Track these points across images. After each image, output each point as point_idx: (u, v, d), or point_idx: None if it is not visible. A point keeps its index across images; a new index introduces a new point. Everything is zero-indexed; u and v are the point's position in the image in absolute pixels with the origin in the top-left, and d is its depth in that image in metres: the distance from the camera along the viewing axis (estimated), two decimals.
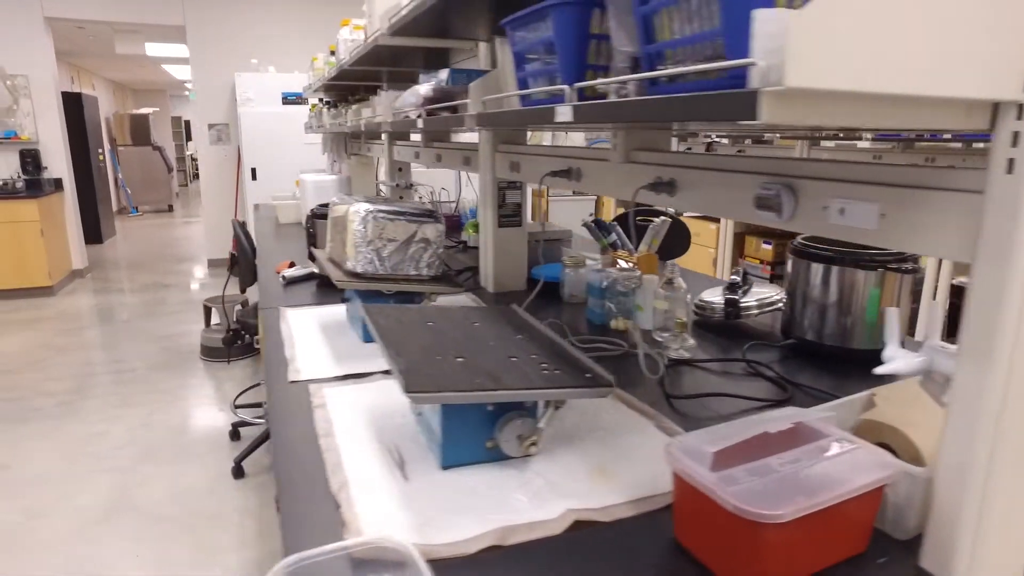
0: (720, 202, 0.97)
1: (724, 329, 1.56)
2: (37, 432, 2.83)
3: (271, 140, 5.24)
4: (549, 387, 0.82)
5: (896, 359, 0.70)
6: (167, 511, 2.25)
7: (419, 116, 1.37)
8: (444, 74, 1.44)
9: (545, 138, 2.98)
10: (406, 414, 1.04)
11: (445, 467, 0.87)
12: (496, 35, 1.71)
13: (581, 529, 0.75)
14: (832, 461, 0.70)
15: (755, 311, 1.57)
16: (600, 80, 0.70)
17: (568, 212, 4.94)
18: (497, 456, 0.89)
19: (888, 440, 0.80)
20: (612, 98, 0.73)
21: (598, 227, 1.90)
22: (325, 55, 3.73)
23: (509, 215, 1.82)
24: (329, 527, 0.76)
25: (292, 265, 2.10)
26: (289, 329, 1.47)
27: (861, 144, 4.32)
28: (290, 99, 5.25)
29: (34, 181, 5.23)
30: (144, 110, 10.21)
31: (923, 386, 0.74)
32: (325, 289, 1.88)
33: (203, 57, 5.65)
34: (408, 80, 2.99)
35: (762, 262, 4.23)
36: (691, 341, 1.38)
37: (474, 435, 0.87)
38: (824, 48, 0.43)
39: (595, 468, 0.88)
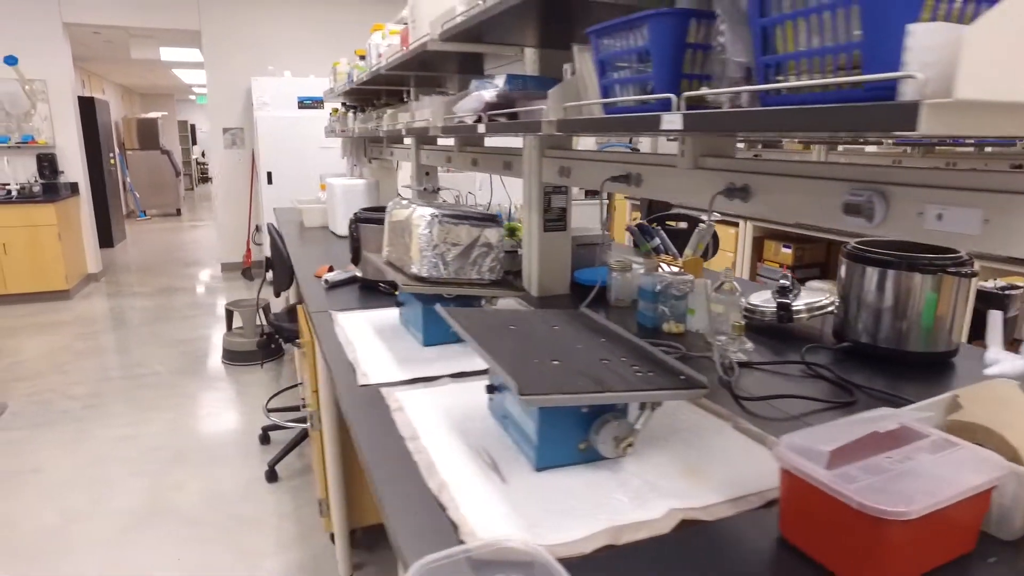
0: (798, 207, 0.99)
1: (775, 332, 1.58)
2: (65, 435, 2.85)
3: (287, 144, 5.26)
4: (649, 389, 0.84)
5: (1001, 362, 0.72)
6: (203, 515, 2.26)
7: (479, 121, 1.39)
8: (501, 80, 1.46)
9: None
10: (485, 417, 1.06)
11: (539, 469, 0.89)
12: (546, 45, 1.74)
13: (686, 528, 0.77)
14: (940, 461, 0.72)
15: (805, 315, 1.59)
16: (715, 90, 0.72)
17: (577, 216, 4.95)
18: (588, 458, 0.91)
19: (982, 441, 0.81)
20: (724, 107, 0.75)
21: (641, 232, 1.92)
22: (348, 59, 3.76)
23: (554, 219, 1.84)
24: (437, 528, 0.77)
25: (331, 269, 2.12)
26: (344, 333, 1.49)
27: (869, 148, 4.33)
28: (306, 103, 5.28)
29: (51, 185, 5.26)
30: (153, 114, 10.25)
31: None
32: (368, 292, 1.90)
33: (218, 62, 5.68)
34: (433, 85, 3.01)
35: (781, 266, 4.25)
36: (749, 344, 1.40)
37: (568, 437, 0.89)
38: (996, 61, 0.45)
39: (686, 468, 0.90)
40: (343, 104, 3.85)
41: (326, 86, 5.31)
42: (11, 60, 4.90)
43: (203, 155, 16.08)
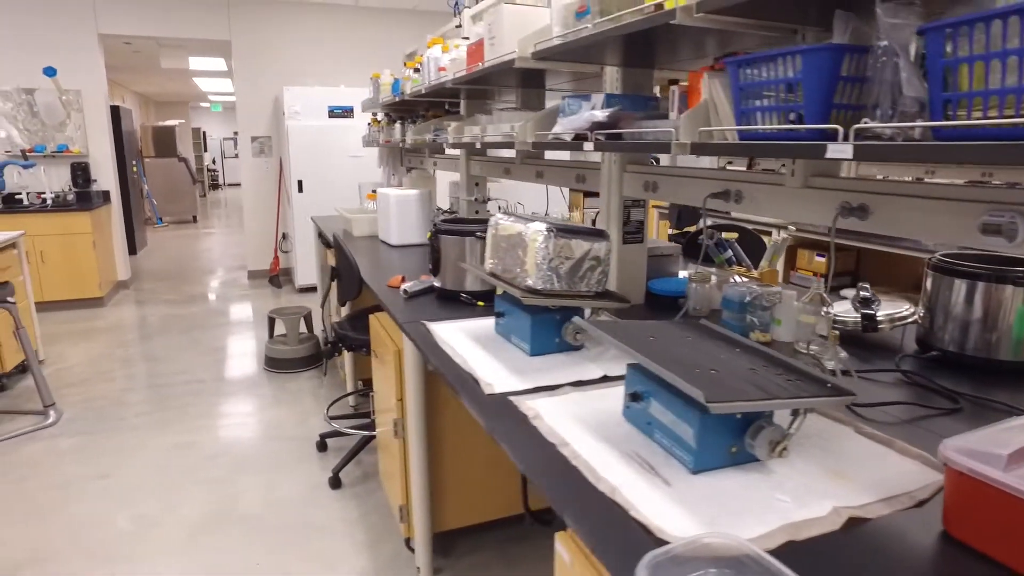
0: (925, 226, 1.06)
1: (855, 341, 1.65)
2: (124, 442, 2.91)
3: (317, 153, 5.35)
4: (808, 396, 0.91)
5: None
6: (272, 521, 2.32)
7: (583, 139, 1.46)
8: (599, 99, 1.54)
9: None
10: (621, 423, 1.13)
11: (696, 472, 0.96)
12: (629, 65, 1.81)
13: (853, 526, 0.84)
14: None
15: (887, 325, 1.66)
16: (891, 124, 0.79)
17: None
18: (737, 460, 0.97)
19: None
20: (883, 138, 0.82)
21: (715, 245, 1.99)
22: (392, 71, 3.85)
23: (633, 232, 1.91)
24: (622, 528, 0.84)
25: (404, 279, 2.19)
26: (444, 343, 1.56)
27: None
28: (336, 112, 5.37)
29: (84, 194, 5.35)
30: (170, 122, 10.37)
31: None
32: (446, 302, 1.97)
33: (247, 71, 5.78)
34: (482, 98, 3.09)
35: (815, 274, 4.32)
36: (843, 353, 1.46)
37: (722, 442, 0.96)
38: None
39: (829, 471, 0.97)
40: (386, 115, 3.94)
41: (355, 96, 5.42)
42: (50, 71, 5.00)
43: (213, 162, 16.22)
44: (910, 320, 1.67)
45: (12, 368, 3.54)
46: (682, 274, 2.24)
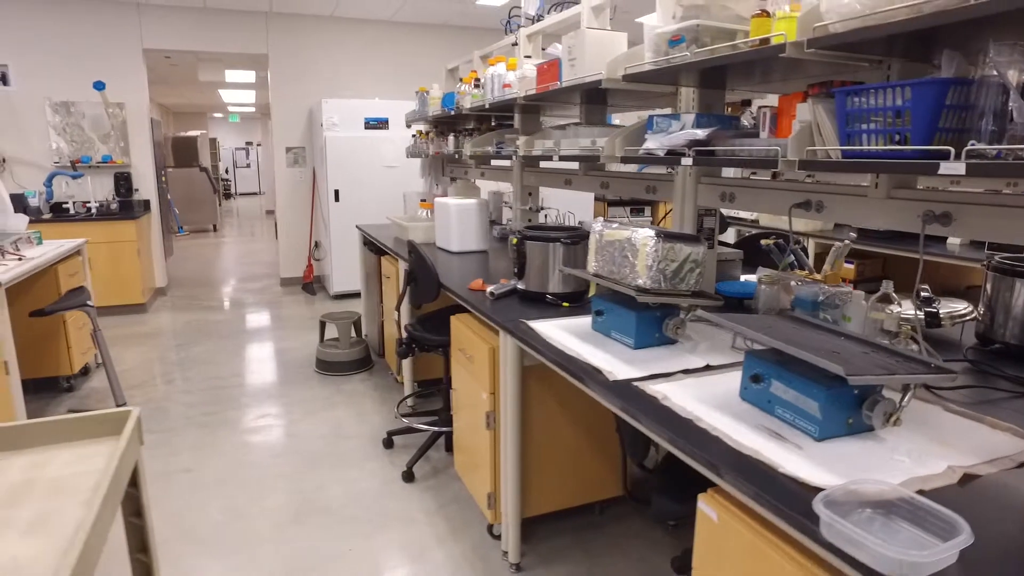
0: (1002, 230, 1.24)
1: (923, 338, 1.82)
2: (198, 440, 3.08)
3: (354, 163, 5.55)
4: (922, 373, 1.08)
5: None
6: (355, 512, 2.49)
7: (680, 155, 1.65)
8: (690, 119, 1.73)
9: None
10: (740, 402, 1.30)
11: (820, 439, 1.13)
12: (705, 87, 2.00)
13: (968, 481, 1.01)
14: None
15: (947, 322, 1.84)
16: (1006, 146, 0.98)
17: None
18: (852, 431, 1.15)
19: None
20: (988, 157, 1.00)
21: (778, 250, 2.18)
22: (442, 85, 4.06)
23: (705, 239, 2.09)
24: (776, 482, 1.01)
25: (484, 283, 2.37)
26: (551, 339, 1.74)
27: None
28: (371, 124, 5.58)
29: (126, 203, 5.55)
30: (192, 132, 10.61)
31: None
32: (529, 303, 2.15)
33: (283, 83, 6.00)
34: (534, 113, 3.29)
35: (844, 280, 4.49)
36: (914, 346, 1.64)
37: (842, 414, 1.13)
38: None
39: (932, 439, 1.14)
40: (433, 127, 4.13)
41: (390, 108, 5.63)
42: (100, 85, 5.22)
43: (226, 171, 16.47)
44: (969, 317, 1.85)
45: (79, 370, 3.71)
46: (743, 277, 2.42)
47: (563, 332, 1.80)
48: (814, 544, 0.89)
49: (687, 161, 1.63)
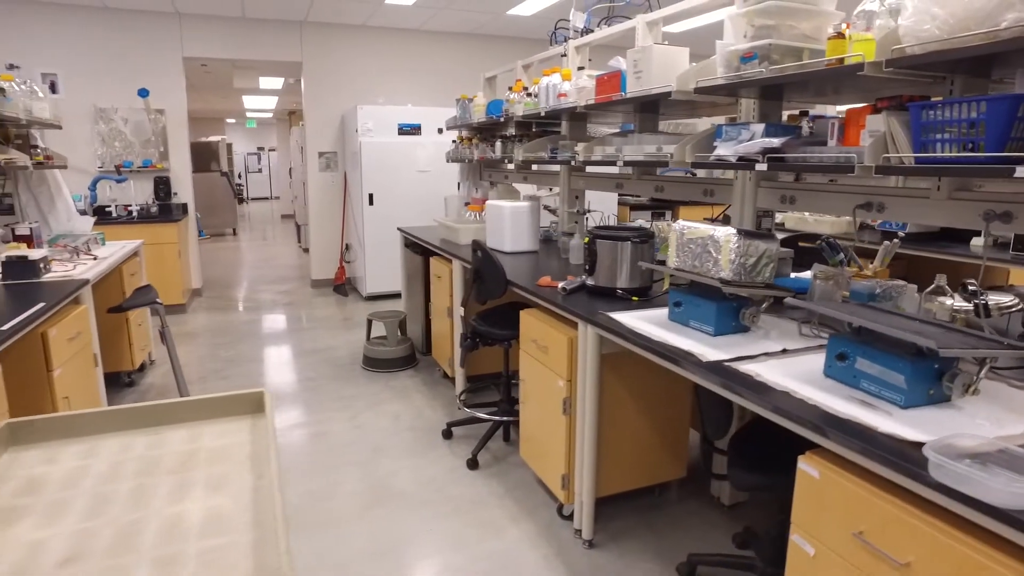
0: None
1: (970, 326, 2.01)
2: None
3: (387, 168, 5.75)
4: (999, 348, 1.27)
5: None
6: (428, 497, 2.67)
7: (750, 161, 1.84)
8: (759, 128, 1.92)
9: None
10: (824, 379, 1.49)
11: (905, 407, 1.31)
12: (766, 98, 2.19)
13: None
14: None
15: (996, 312, 2.02)
16: None
17: None
18: (932, 400, 1.33)
19: None
20: None
21: (829, 248, 2.36)
22: (486, 94, 4.26)
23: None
24: (876, 441, 1.19)
25: (551, 280, 2.56)
26: (635, 328, 1.93)
27: None
28: (405, 130, 5.78)
29: (165, 206, 5.75)
30: (213, 138, 10.83)
31: None
32: (598, 298, 2.34)
33: (316, 90, 6.21)
34: (581, 121, 3.48)
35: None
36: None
37: (924, 385, 1.32)
38: None
39: (1005, 408, 1.33)
40: (475, 133, 4.33)
41: (422, 114, 5.83)
42: (144, 92, 5.43)
43: (239, 176, 16.70)
44: (1016, 309, 2.03)
45: (138, 366, 3.90)
46: (793, 275, 2.61)
47: (643, 322, 1.99)
48: (922, 488, 1.07)
49: (761, 166, 1.82)
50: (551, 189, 4.65)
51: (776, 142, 1.77)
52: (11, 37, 5.23)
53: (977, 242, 4.29)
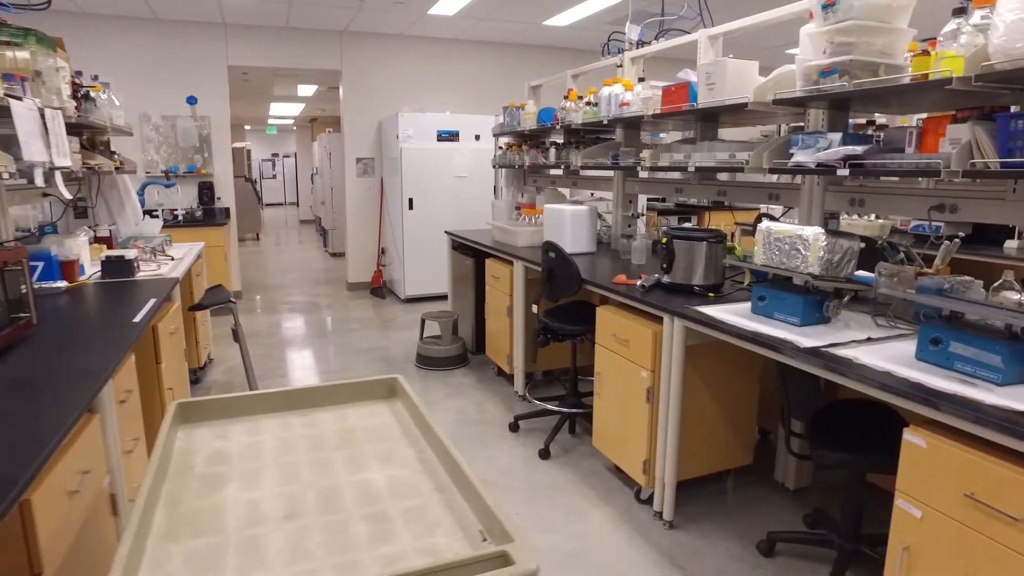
0: None
1: None
2: None
3: (427, 173, 5.95)
4: None
5: None
6: (508, 484, 2.83)
7: (831, 168, 2.02)
8: (836, 137, 2.10)
9: None
10: (917, 362, 1.66)
11: (1002, 385, 1.49)
12: (834, 108, 2.38)
13: None
14: None
15: None
16: None
17: None
18: (1021, 379, 1.51)
19: None
20: None
21: (890, 247, 2.54)
22: (536, 102, 4.45)
23: None
24: (983, 410, 1.36)
25: (626, 278, 2.74)
26: (725, 320, 2.10)
27: None
28: (443, 136, 5.98)
29: (209, 210, 5.95)
30: (237, 144, 11.04)
31: None
32: (675, 294, 2.51)
33: (354, 98, 6.41)
34: (635, 128, 3.67)
35: None
36: None
37: (1019, 365, 1.49)
38: None
39: None
40: (524, 139, 4.52)
41: (460, 121, 6.03)
42: (192, 100, 5.64)
43: (256, 182, 16.92)
44: None
45: (203, 363, 4.07)
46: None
47: (729, 315, 2.17)
48: None
49: (843, 172, 2.00)
50: (591, 194, 4.85)
51: (859, 150, 1.96)
52: (68, 48, 5.43)
53: (1011, 244, 4.48)
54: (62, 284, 2.71)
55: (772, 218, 3.68)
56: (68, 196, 2.72)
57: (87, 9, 5.34)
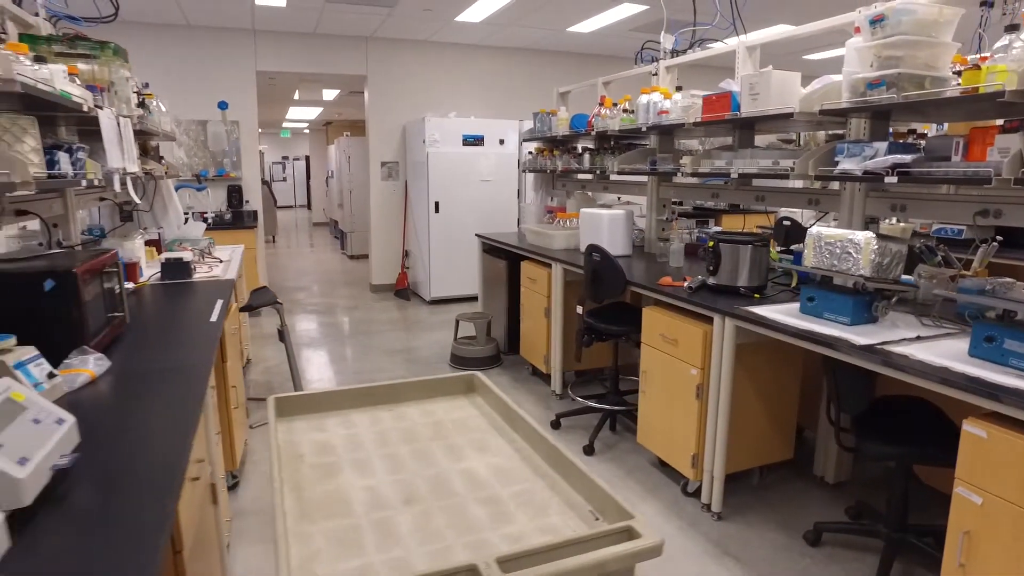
0: None
1: None
2: None
3: (453, 177, 6.07)
4: None
5: None
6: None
7: (873, 174, 2.14)
8: (882, 147, 2.21)
9: None
10: (970, 358, 1.77)
11: None
12: (875, 118, 2.49)
13: None
14: None
15: None
16: None
17: None
18: None
19: None
20: None
21: (928, 251, 2.66)
22: (568, 109, 4.57)
23: None
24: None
25: (671, 280, 2.86)
26: (777, 320, 2.22)
27: None
28: (468, 141, 6.10)
29: (238, 213, 6.07)
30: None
31: None
32: (720, 295, 2.62)
33: (379, 102, 6.54)
34: (669, 135, 3.79)
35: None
36: None
37: None
38: None
39: None
40: (552, 144, 4.64)
41: (484, 126, 6.16)
42: (223, 105, 5.77)
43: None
44: None
45: (244, 364, 4.19)
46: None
47: (779, 315, 2.28)
48: None
49: (891, 179, 2.12)
50: (619, 198, 4.96)
51: (908, 158, 2.07)
52: None
53: None
54: (129, 285, 2.83)
55: (793, 221, 3.81)
56: (138, 200, 2.84)
57: (123, 16, 5.46)
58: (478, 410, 1.84)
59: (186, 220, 4.90)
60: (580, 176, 4.79)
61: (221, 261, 3.69)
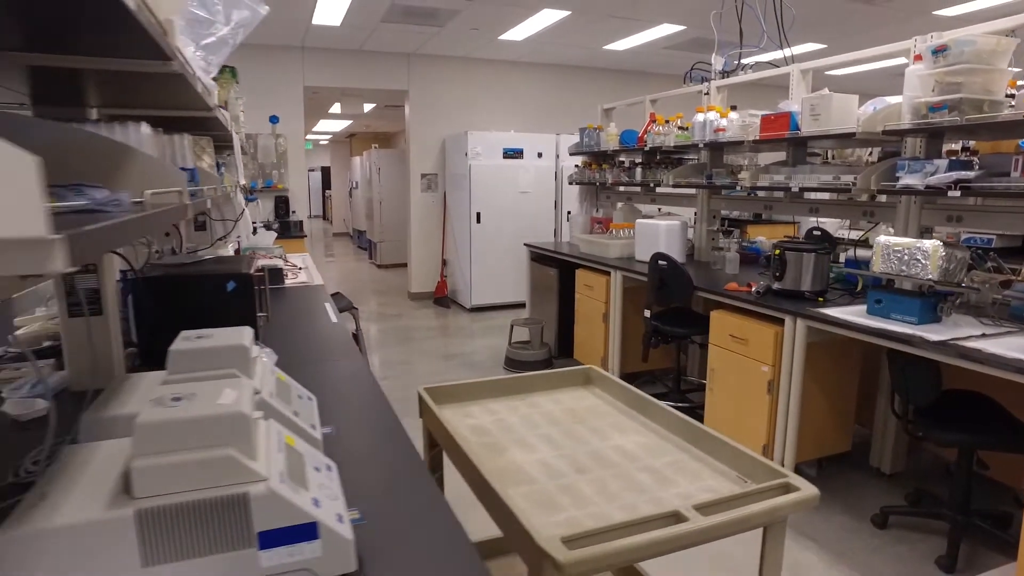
0: None
1: None
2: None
3: (493, 189, 6.35)
4: None
5: None
6: None
7: (944, 189, 2.40)
8: (943, 163, 2.48)
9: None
10: (1020, 350, 2.02)
11: None
12: (931, 137, 2.76)
13: None
14: None
15: None
16: None
17: None
18: None
19: None
20: None
21: (979, 257, 2.91)
22: (603, 124, 4.84)
23: None
24: None
25: (737, 285, 3.11)
26: (848, 320, 2.47)
27: None
28: (509, 154, 6.39)
29: (285, 224, 6.34)
30: None
31: None
32: (784, 299, 2.88)
33: (420, 116, 6.83)
34: (720, 151, 4.06)
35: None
36: None
37: None
38: None
39: None
40: (596, 158, 4.92)
41: (524, 140, 6.44)
42: (274, 119, 6.06)
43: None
44: None
45: None
46: None
47: (848, 316, 2.53)
48: None
49: (955, 194, 2.38)
50: (659, 209, 5.23)
51: (970, 175, 2.34)
52: None
53: None
54: None
55: (823, 231, 4.05)
56: (243, 207, 3.10)
57: None
58: (599, 399, 2.07)
59: (254, 230, 5.17)
60: (622, 188, 5.06)
61: (300, 268, 3.94)
